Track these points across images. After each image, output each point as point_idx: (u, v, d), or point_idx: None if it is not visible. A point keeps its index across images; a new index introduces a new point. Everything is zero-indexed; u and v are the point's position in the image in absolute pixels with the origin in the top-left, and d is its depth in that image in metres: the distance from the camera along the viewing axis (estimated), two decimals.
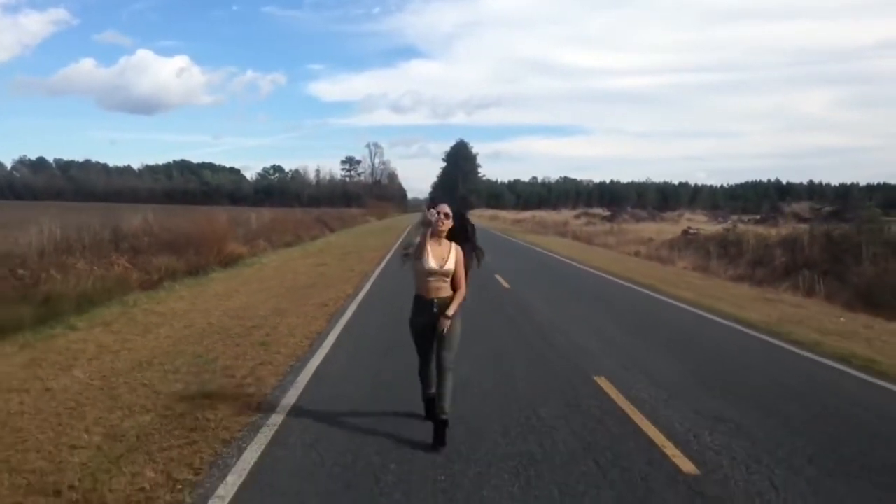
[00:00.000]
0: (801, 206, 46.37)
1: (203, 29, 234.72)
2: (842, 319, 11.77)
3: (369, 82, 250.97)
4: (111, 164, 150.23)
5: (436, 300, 4.99)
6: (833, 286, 17.65)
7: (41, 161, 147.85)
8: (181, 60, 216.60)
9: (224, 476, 4.25)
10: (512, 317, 10.62)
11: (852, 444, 5.16)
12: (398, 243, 30.68)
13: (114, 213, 22.24)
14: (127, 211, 22.54)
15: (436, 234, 4.98)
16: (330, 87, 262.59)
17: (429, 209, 5.01)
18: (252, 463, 4.48)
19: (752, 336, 9.77)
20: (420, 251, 4.97)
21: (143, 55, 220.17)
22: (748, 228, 31.68)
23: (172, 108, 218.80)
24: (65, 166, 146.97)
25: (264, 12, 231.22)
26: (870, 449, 5.07)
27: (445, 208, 5.05)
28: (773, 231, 29.33)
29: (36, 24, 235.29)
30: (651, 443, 4.98)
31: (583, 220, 63.84)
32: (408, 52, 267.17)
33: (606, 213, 65.92)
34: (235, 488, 4.08)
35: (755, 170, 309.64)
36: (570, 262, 23.63)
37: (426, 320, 5.02)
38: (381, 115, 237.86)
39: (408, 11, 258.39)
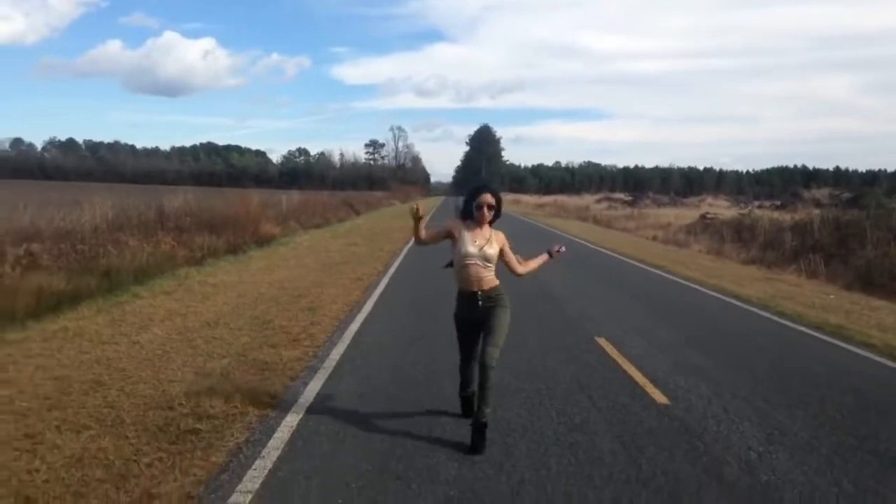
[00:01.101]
0: (821, 193, 46.86)
1: (229, 12, 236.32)
2: (831, 297, 12.75)
3: (393, 66, 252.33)
4: (139, 145, 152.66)
5: (480, 293, 4.60)
6: (837, 268, 18.54)
7: (70, 142, 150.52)
8: (207, 43, 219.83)
9: (296, 399, 5.47)
10: (527, 291, 11.70)
11: (800, 385, 6.31)
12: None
13: (150, 194, 23.60)
14: (162, 192, 23.83)
15: (475, 222, 4.66)
16: (354, 71, 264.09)
17: (469, 201, 4.68)
18: (316, 392, 5.69)
19: (742, 308, 10.85)
20: (451, 237, 4.73)
21: (170, 37, 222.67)
22: (764, 214, 32.37)
23: (197, 90, 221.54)
24: (94, 147, 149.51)
25: None
26: (812, 388, 6.21)
27: (489, 198, 4.59)
28: (788, 216, 30.11)
29: (65, 6, 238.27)
30: (635, 383, 6.12)
31: (604, 204, 64.48)
32: (432, 36, 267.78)
33: (628, 198, 66.58)
34: (306, 407, 5.29)
35: (781, 155, 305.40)
36: (588, 244, 24.66)
37: (471, 316, 4.68)
38: (405, 98, 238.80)
39: None
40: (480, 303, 4.59)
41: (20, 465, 4.11)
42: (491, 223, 4.70)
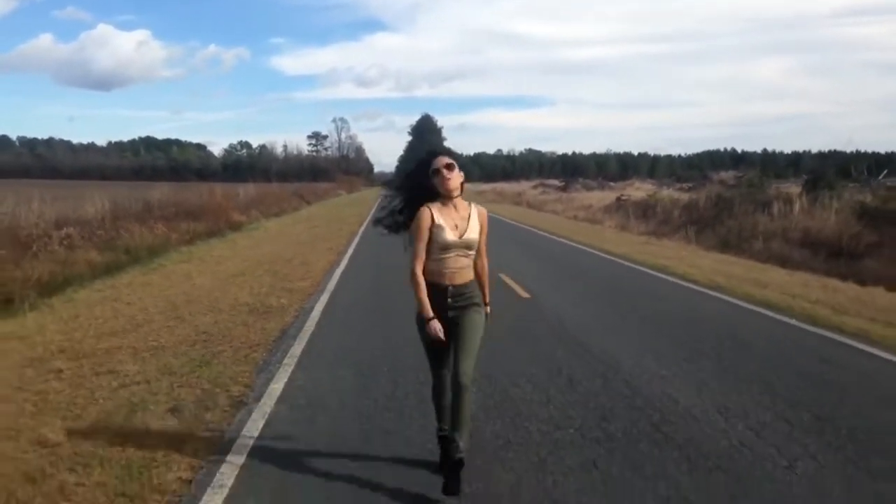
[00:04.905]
0: (728, 175, 52.44)
1: (164, 3, 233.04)
2: (684, 253, 17.20)
3: (333, 56, 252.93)
4: (74, 141, 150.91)
5: (451, 287, 3.80)
6: (708, 236, 23.28)
7: (5, 139, 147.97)
8: (141, 35, 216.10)
9: (317, 301, 9.49)
10: None
11: (613, 292, 10.67)
12: (372, 212, 35.80)
13: (112, 190, 26.63)
14: (116, 188, 26.86)
15: (444, 197, 3.79)
16: (293, 62, 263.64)
17: (420, 175, 3.87)
18: (326, 301, 9.69)
19: (608, 259, 15.25)
20: (420, 227, 3.75)
21: (103, 30, 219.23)
22: (668, 194, 37.37)
23: (133, 83, 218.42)
24: (29, 144, 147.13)
25: None
26: (619, 293, 10.57)
27: (444, 159, 3.77)
28: (687, 196, 35.11)
29: None
30: (515, 292, 10.31)
31: (538, 190, 69.22)
32: (371, 25, 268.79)
33: (560, 183, 71.53)
34: (323, 306, 9.29)
35: (713, 139, 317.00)
36: (514, 222, 29.03)
37: (439, 314, 3.76)
38: (346, 88, 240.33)
39: None
40: (450, 300, 3.80)
41: (182, 328, 8.02)
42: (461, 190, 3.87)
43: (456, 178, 3.77)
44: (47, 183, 51.39)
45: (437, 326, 3.71)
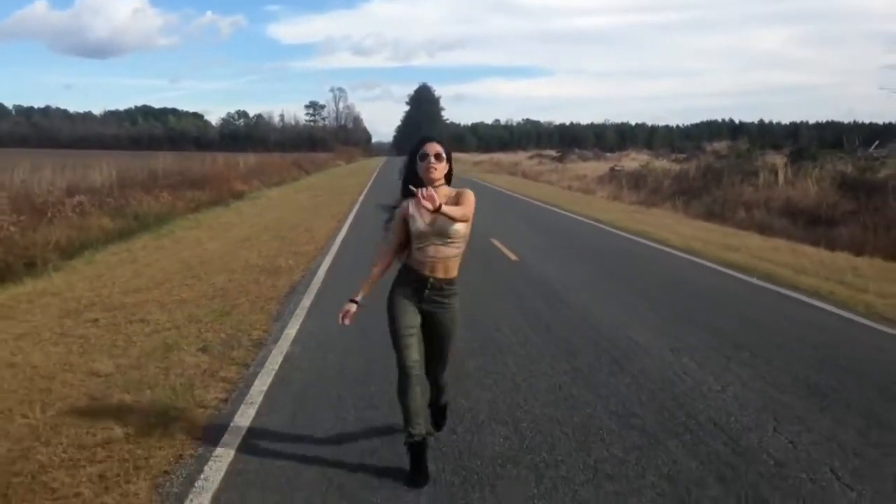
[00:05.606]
0: (721, 145, 53.02)
1: None
2: (668, 221, 18.01)
3: (329, 24, 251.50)
4: (71, 109, 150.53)
5: (432, 279, 3.69)
6: (695, 205, 24.08)
7: (1, 108, 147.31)
8: (137, 1, 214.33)
9: (322, 262, 10.29)
10: None
11: (595, 254, 11.47)
12: (371, 181, 36.47)
13: (118, 159, 27.29)
14: (114, 157, 27.39)
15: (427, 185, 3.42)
16: (290, 30, 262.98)
17: (412, 161, 3.72)
18: (329, 263, 10.49)
19: (595, 226, 16.06)
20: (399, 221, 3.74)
21: None
22: (661, 165, 38.03)
23: (129, 51, 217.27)
24: (25, 113, 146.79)
25: None
26: (602, 256, 11.36)
27: (436, 147, 3.64)
28: (678, 167, 35.81)
29: None
30: (505, 255, 11.13)
31: (535, 160, 69.68)
32: None
33: (556, 154, 72.02)
34: (327, 267, 10.09)
35: (712, 109, 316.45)
36: (508, 192, 29.76)
37: (410, 302, 3.71)
38: (343, 57, 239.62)
39: None
40: (427, 292, 3.71)
41: (200, 285, 8.82)
42: (448, 179, 3.81)
43: (440, 170, 3.66)
44: (47, 152, 51.91)
45: (347, 310, 3.76)
